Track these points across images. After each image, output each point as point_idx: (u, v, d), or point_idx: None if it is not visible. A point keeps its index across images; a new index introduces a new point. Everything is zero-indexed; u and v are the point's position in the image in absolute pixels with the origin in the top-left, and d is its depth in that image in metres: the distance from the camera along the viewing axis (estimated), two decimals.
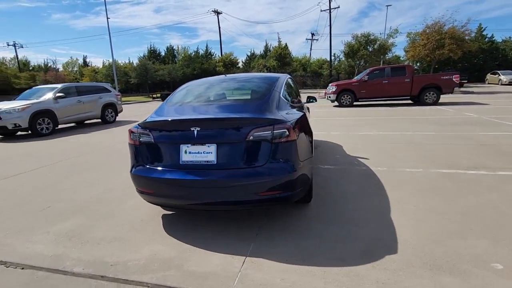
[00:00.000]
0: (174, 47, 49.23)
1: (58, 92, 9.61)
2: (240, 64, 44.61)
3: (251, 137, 2.27)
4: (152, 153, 2.48)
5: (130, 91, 41.40)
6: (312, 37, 47.09)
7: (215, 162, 2.31)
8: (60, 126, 9.84)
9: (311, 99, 4.78)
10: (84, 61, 52.85)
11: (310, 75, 40.12)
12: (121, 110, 12.36)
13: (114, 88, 17.33)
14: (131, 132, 2.62)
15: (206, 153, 2.33)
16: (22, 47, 48.70)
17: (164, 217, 2.89)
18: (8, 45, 47.55)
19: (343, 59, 35.41)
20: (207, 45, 61.48)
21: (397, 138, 6.08)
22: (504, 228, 2.38)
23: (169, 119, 2.47)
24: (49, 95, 9.40)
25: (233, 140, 2.32)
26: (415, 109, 11.01)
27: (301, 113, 2.92)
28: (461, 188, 3.25)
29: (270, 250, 2.25)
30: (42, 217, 3.01)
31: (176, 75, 40.94)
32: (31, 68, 49.56)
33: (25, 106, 8.62)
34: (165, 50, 48.43)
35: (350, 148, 5.44)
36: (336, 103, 13.90)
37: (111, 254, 2.29)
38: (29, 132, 8.77)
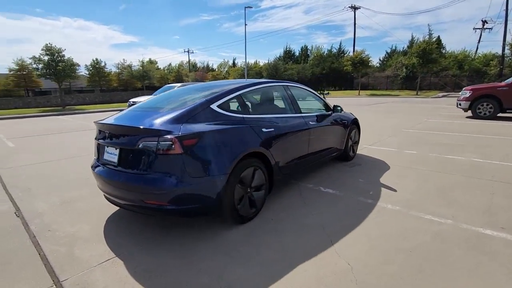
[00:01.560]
0: (308, 47, 50.29)
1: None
2: (375, 62, 40.52)
3: (140, 146, 2.31)
4: (96, 149, 2.84)
5: None
6: (483, 26, 36.89)
7: (116, 164, 2.46)
8: None
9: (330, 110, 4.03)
10: (233, 62, 62.03)
11: (469, 74, 31.73)
12: None
13: None
14: None
15: (113, 155, 2.51)
16: (193, 52, 62.22)
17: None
18: (184, 51, 61.77)
19: None
20: (340, 43, 59.24)
21: None
22: None
23: (98, 121, 2.74)
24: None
25: (129, 146, 2.42)
26: None
27: (228, 127, 2.63)
28: None
29: None
30: None
31: (304, 74, 41.82)
32: (196, 69, 62.83)
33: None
34: (299, 50, 50.21)
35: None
36: (470, 113, 10.54)
37: None
38: None
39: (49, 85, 31.74)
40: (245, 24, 29.94)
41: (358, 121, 5.17)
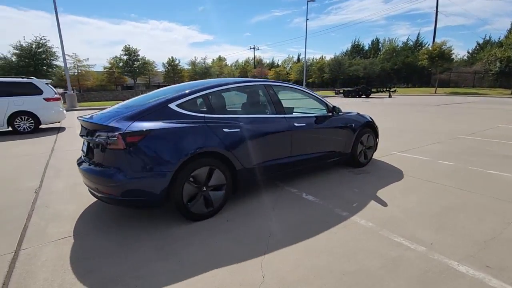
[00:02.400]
0: (380, 40, 46.20)
1: None
2: (463, 55, 34.85)
3: (96, 140, 2.56)
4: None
5: (325, 86, 43.88)
6: None
7: (85, 155, 2.78)
8: None
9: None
10: (298, 58, 61.12)
11: None
12: None
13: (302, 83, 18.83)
14: None
15: (85, 147, 2.82)
16: (258, 49, 63.47)
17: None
18: (250, 48, 63.46)
19: None
20: (418, 35, 52.64)
21: None
22: None
23: (78, 117, 3.07)
24: None
25: (91, 141, 2.70)
26: None
27: (179, 125, 2.69)
28: None
29: None
30: None
31: (372, 69, 38.69)
32: (261, 65, 63.96)
33: None
34: (370, 43, 46.49)
35: None
36: None
37: None
38: None
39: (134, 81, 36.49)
40: (306, 19, 29.12)
41: (373, 124, 4.66)
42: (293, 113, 4.29)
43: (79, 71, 30.19)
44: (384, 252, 2.27)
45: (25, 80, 8.51)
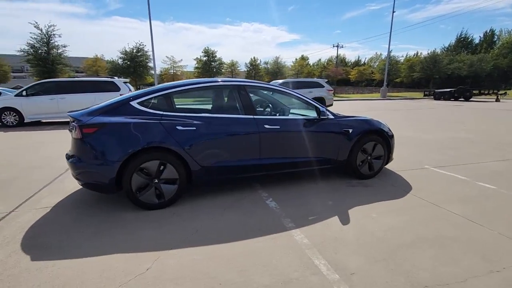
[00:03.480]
0: (495, 31, 37.72)
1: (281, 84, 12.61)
2: None
3: (69, 131, 3.06)
4: None
5: (415, 87, 38.61)
6: None
7: None
8: None
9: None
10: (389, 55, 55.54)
11: None
12: (330, 104, 13.26)
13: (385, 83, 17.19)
14: None
15: None
16: (342, 47, 60.18)
17: None
18: (334, 46, 60.80)
19: None
20: None
21: None
22: None
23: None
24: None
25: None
26: None
27: (133, 121, 2.94)
28: None
29: None
30: None
31: (480, 67, 32.00)
32: (345, 64, 60.63)
33: None
34: (481, 36, 38.37)
35: None
36: None
37: None
38: None
39: None
40: (393, 11, 26.02)
41: (384, 132, 4.02)
42: (283, 115, 4.11)
43: (174, 71, 34.90)
44: (287, 272, 2.04)
45: (108, 79, 10.43)
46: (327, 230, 2.63)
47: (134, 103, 3.07)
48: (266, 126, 3.38)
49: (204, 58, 25.85)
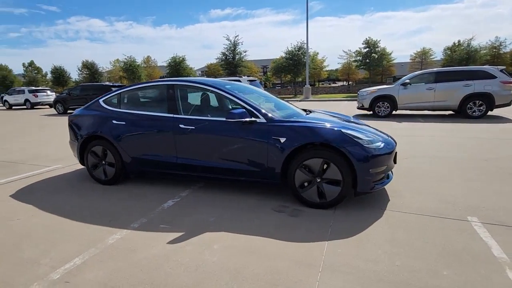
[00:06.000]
0: None
1: (407, 80, 9.93)
2: None
3: None
4: None
5: None
6: None
7: None
8: (400, 112, 10.37)
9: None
10: None
11: None
12: (507, 103, 8.91)
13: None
14: None
15: None
16: None
17: None
18: None
19: None
20: None
21: None
22: None
23: None
24: (398, 82, 10.08)
25: None
26: None
27: (91, 114, 3.81)
28: None
29: None
30: None
31: None
32: None
33: (373, 90, 10.41)
34: None
35: None
36: None
37: None
38: (370, 112, 10.46)
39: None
40: None
41: (338, 147, 2.67)
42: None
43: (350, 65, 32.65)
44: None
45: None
46: (215, 243, 2.21)
47: (100, 101, 3.94)
48: (181, 126, 3.23)
49: (365, 50, 23.09)
